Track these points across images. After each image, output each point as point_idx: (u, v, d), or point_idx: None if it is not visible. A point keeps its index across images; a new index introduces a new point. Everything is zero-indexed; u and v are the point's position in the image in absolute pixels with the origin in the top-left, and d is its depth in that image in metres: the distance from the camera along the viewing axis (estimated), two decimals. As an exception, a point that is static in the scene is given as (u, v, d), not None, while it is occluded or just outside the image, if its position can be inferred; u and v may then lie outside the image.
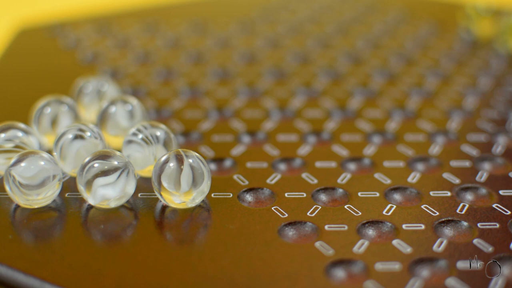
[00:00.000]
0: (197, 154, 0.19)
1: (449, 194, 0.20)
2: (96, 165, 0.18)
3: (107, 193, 0.18)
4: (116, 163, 0.18)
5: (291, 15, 0.39)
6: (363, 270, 0.16)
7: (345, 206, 0.19)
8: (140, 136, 0.20)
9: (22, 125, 0.21)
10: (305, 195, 0.20)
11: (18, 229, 0.18)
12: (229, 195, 0.20)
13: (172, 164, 0.18)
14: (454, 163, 0.22)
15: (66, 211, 0.19)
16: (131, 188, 0.19)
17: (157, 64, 0.31)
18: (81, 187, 0.18)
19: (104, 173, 0.18)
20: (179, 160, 0.18)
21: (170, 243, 0.18)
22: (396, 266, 0.17)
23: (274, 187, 0.20)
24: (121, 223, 0.18)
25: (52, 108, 0.22)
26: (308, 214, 0.19)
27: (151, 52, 0.33)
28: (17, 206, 0.19)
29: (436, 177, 0.21)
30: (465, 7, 0.36)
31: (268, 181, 0.21)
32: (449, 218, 0.19)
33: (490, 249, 0.17)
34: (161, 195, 0.19)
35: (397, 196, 0.20)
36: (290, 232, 0.18)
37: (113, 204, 0.19)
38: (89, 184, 0.18)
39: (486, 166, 0.22)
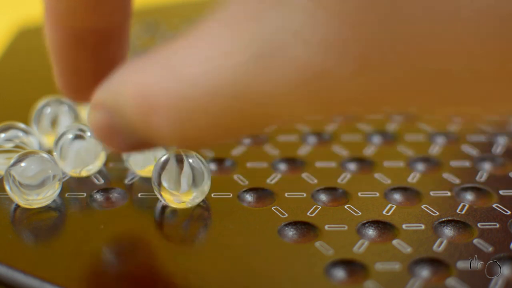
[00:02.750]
0: (197, 154, 0.19)
1: (449, 194, 0.20)
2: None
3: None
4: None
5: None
6: (363, 270, 0.16)
7: (345, 206, 0.19)
8: (140, 136, 0.20)
9: (22, 125, 0.21)
10: (305, 195, 0.20)
11: (18, 229, 0.18)
12: (229, 195, 0.20)
13: (172, 164, 0.18)
14: (454, 163, 0.22)
15: (66, 211, 0.19)
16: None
17: (157, 64, 0.31)
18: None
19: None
20: (179, 160, 0.18)
21: (170, 243, 0.18)
22: (396, 266, 0.17)
23: (274, 187, 0.20)
24: (121, 223, 0.18)
25: (52, 108, 0.22)
26: (308, 214, 0.19)
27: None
28: (17, 206, 0.19)
29: (436, 177, 0.21)
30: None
31: (268, 181, 0.21)
32: (449, 218, 0.19)
33: (490, 249, 0.17)
34: (161, 195, 0.19)
35: (397, 196, 0.20)
36: (290, 232, 0.18)
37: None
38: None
39: (486, 166, 0.22)
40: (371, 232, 0.18)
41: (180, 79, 0.14)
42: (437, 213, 0.19)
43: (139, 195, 0.20)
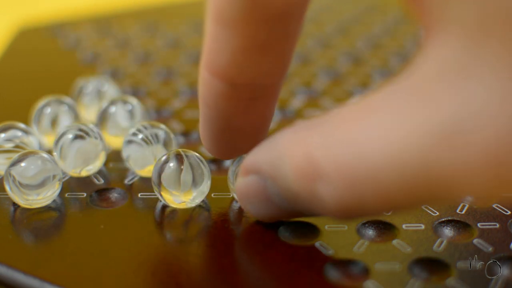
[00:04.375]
0: (197, 154, 0.19)
1: (449, 194, 0.20)
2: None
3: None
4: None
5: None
6: (363, 270, 0.16)
7: (345, 206, 0.19)
8: (140, 136, 0.20)
9: (22, 125, 0.21)
10: (305, 195, 0.20)
11: (18, 229, 0.18)
12: (229, 195, 0.20)
13: (172, 164, 0.18)
14: (454, 163, 0.22)
15: (66, 211, 0.19)
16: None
17: (157, 64, 0.31)
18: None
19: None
20: (179, 160, 0.18)
21: (170, 243, 0.18)
22: (396, 266, 0.17)
23: (274, 187, 0.20)
24: (121, 223, 0.18)
25: (52, 108, 0.22)
26: (308, 214, 0.19)
27: (151, 52, 0.33)
28: (17, 206, 0.19)
29: (436, 177, 0.21)
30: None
31: (268, 181, 0.20)
32: (449, 218, 0.19)
33: (490, 249, 0.17)
34: (161, 195, 0.19)
35: (397, 196, 0.20)
36: (290, 233, 0.18)
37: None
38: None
39: (486, 166, 0.22)
40: (371, 232, 0.18)
41: (352, 150, 0.13)
42: (437, 213, 0.19)
43: (139, 195, 0.20)
